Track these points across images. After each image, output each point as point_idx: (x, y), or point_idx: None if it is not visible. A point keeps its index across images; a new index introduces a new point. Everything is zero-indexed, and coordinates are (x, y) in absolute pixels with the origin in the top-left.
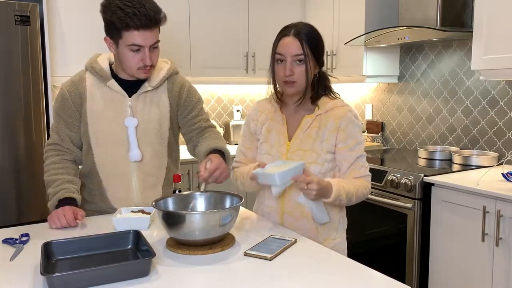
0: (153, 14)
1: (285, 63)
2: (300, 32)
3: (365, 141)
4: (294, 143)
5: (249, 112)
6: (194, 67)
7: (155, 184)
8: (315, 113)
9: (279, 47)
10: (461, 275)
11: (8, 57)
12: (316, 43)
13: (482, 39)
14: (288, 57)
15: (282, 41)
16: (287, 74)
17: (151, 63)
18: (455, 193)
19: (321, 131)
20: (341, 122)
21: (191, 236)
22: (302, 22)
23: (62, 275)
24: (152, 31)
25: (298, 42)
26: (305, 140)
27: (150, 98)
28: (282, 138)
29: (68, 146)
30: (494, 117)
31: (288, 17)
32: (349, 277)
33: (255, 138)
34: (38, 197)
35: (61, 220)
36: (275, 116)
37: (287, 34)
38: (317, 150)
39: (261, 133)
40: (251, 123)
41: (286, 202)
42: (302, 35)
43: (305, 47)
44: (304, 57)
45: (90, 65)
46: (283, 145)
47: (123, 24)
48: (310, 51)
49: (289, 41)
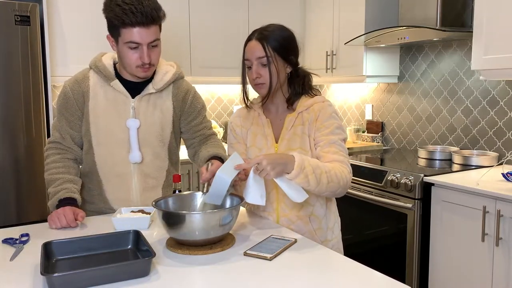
0: (150, 11)
1: (252, 67)
2: (264, 34)
3: (365, 141)
4: (282, 144)
5: (231, 119)
6: (194, 67)
7: (154, 186)
8: (297, 110)
9: (245, 52)
10: (461, 275)
11: (8, 57)
12: (282, 42)
13: (482, 39)
14: (253, 60)
15: (247, 46)
16: (254, 77)
17: (149, 61)
18: (455, 193)
19: (305, 127)
20: (319, 114)
21: (191, 236)
22: (270, 24)
23: (62, 275)
24: (149, 29)
25: (260, 45)
26: (292, 139)
27: (153, 101)
28: (270, 141)
29: (69, 145)
30: (494, 117)
31: (288, 17)
32: (349, 277)
33: (243, 142)
34: (38, 197)
35: (61, 221)
36: (259, 120)
37: (251, 39)
38: (306, 147)
39: (247, 137)
40: (236, 129)
41: (280, 206)
42: (265, 37)
43: (268, 48)
44: (267, 58)
45: (94, 63)
46: (271, 147)
47: (119, 21)
48: (274, 52)
49: (253, 45)
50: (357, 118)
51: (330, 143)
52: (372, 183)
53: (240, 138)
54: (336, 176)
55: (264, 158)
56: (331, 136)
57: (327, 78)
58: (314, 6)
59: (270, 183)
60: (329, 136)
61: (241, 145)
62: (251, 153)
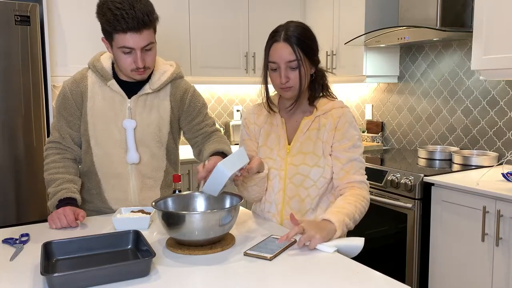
0: (141, 16)
1: (280, 70)
2: (290, 35)
3: (365, 141)
4: (295, 147)
5: (245, 115)
6: (194, 67)
7: (153, 186)
8: (314, 114)
9: (271, 55)
10: (461, 275)
11: (8, 57)
12: (308, 43)
13: (482, 39)
14: (281, 64)
15: (274, 48)
16: (283, 82)
17: (143, 65)
18: (455, 193)
19: (320, 132)
20: (339, 122)
21: (191, 236)
22: (291, 23)
23: (62, 275)
24: (142, 33)
25: (289, 47)
26: (305, 143)
27: (150, 101)
28: (282, 141)
29: (69, 145)
30: (494, 117)
31: (288, 17)
32: (349, 277)
33: (255, 140)
34: (38, 197)
35: (61, 221)
36: (273, 119)
37: (277, 40)
38: (318, 152)
39: (260, 136)
40: (249, 126)
41: (285, 209)
42: (293, 38)
43: (297, 50)
44: (298, 61)
45: (92, 63)
46: (283, 148)
47: (111, 27)
48: (303, 54)
49: (280, 47)
50: (357, 118)
51: (351, 160)
52: (372, 183)
53: (253, 135)
54: (363, 206)
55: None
56: (352, 152)
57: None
58: (314, 6)
59: (278, 183)
60: (350, 153)
61: (253, 142)
62: (262, 153)
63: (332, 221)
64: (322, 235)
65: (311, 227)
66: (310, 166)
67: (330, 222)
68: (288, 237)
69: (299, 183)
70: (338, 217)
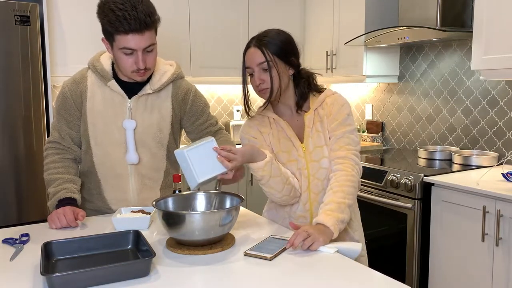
0: (144, 17)
1: (255, 74)
2: (262, 40)
3: (365, 141)
4: (309, 143)
5: (247, 130)
6: (194, 67)
7: (152, 186)
8: (312, 108)
9: (246, 61)
10: (461, 275)
11: (8, 57)
12: (281, 45)
13: (482, 39)
14: (254, 67)
15: (247, 54)
16: (257, 83)
17: (144, 67)
18: (455, 193)
19: (324, 123)
20: (332, 107)
21: (191, 236)
22: (268, 30)
23: (62, 275)
24: (144, 35)
25: (259, 51)
26: (316, 136)
27: (151, 101)
28: (295, 142)
29: (69, 145)
30: (494, 117)
31: (288, 17)
32: (349, 277)
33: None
34: (38, 197)
35: (61, 221)
36: (276, 125)
37: (249, 46)
38: (329, 143)
39: (270, 143)
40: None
41: (314, 206)
42: (263, 42)
43: (267, 53)
44: (268, 63)
45: (92, 63)
46: (299, 148)
47: (113, 28)
48: (274, 56)
49: (252, 52)
50: (357, 118)
51: (338, 137)
52: (372, 183)
53: (265, 143)
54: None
55: (309, 229)
56: (338, 130)
57: (327, 78)
58: (314, 6)
59: (304, 183)
60: (337, 131)
61: (270, 148)
62: (281, 158)
63: (327, 225)
64: (324, 238)
65: (315, 230)
66: (325, 157)
67: (325, 226)
68: (295, 244)
69: (323, 177)
70: (331, 220)
